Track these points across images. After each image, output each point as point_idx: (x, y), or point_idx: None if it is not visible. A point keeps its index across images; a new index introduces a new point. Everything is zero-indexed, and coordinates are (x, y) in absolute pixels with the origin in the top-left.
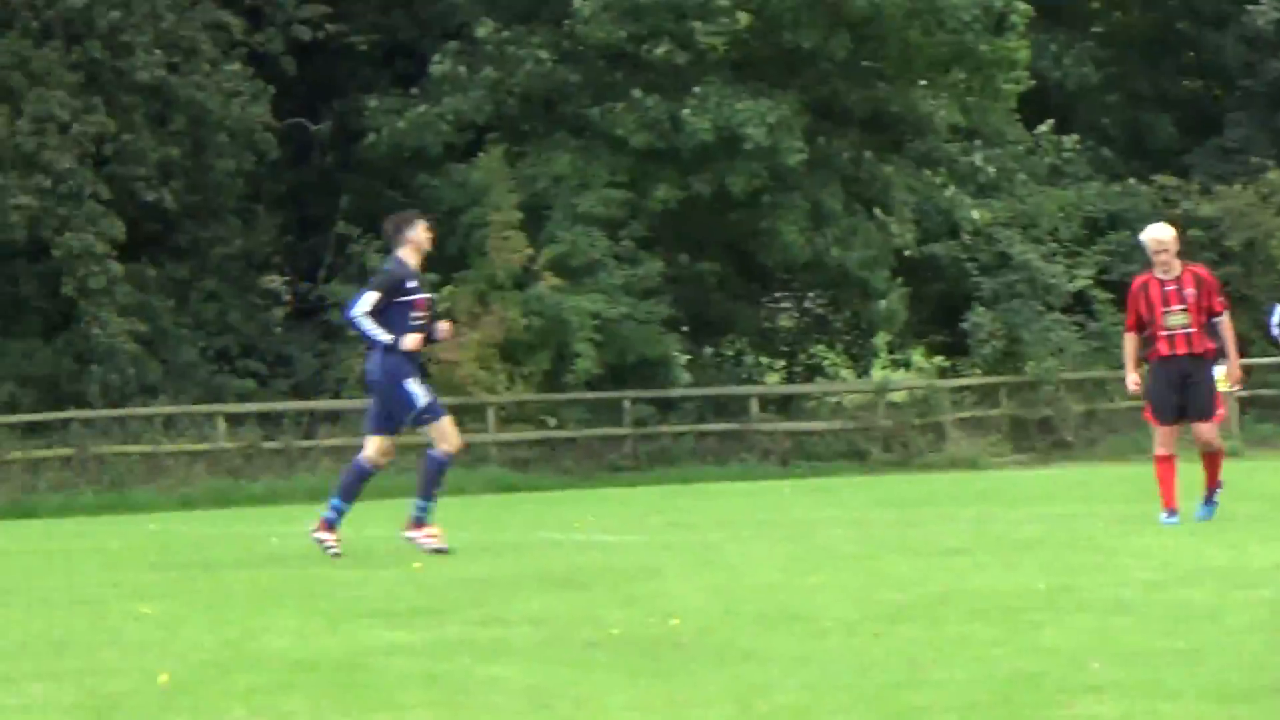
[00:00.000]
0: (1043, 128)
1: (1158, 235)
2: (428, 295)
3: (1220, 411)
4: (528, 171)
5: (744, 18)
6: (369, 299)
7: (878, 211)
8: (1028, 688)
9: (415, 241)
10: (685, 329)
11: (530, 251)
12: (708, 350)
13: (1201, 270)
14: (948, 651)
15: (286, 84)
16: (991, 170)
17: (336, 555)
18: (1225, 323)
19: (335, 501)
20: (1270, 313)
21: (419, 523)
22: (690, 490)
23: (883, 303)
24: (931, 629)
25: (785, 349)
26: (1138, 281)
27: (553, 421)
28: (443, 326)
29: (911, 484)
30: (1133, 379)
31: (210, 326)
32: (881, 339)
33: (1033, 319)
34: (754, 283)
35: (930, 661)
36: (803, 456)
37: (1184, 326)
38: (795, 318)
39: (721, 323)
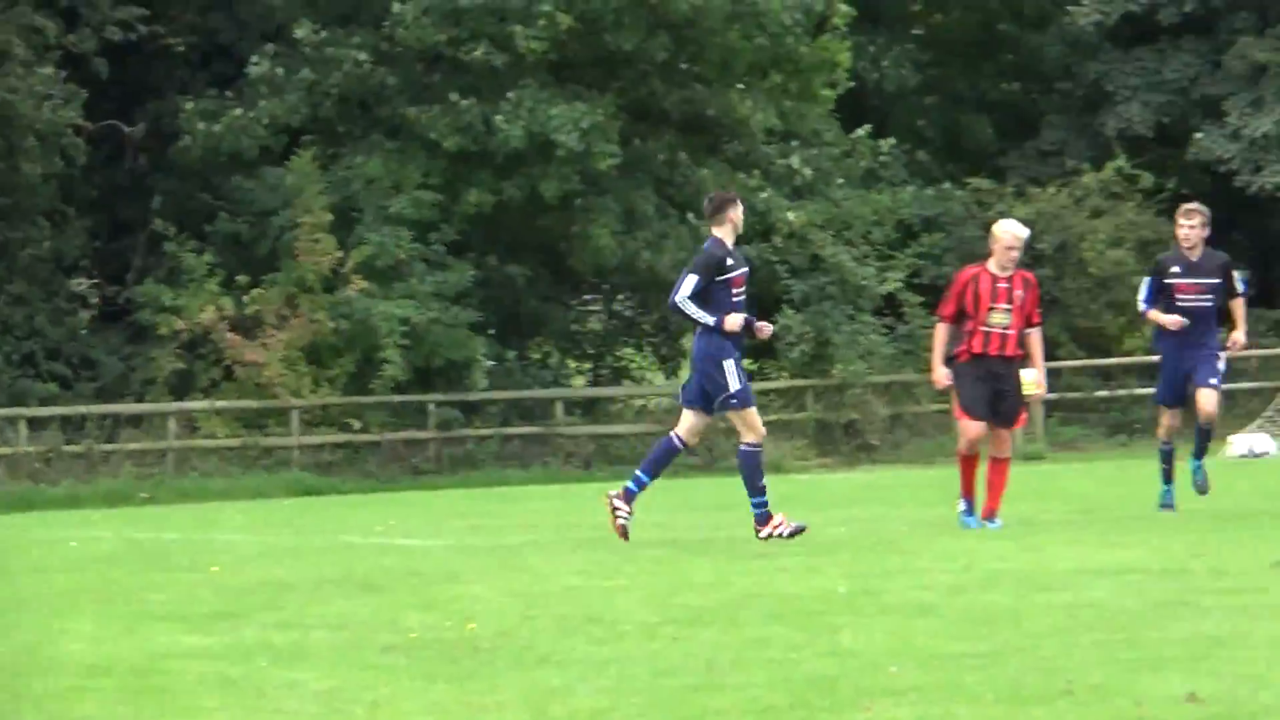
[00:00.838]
0: (860, 131)
1: (1016, 231)
2: (744, 270)
3: (1022, 417)
4: (341, 174)
5: (565, 20)
6: (690, 282)
7: (690, 215)
8: (825, 691)
9: (735, 221)
10: (492, 332)
11: (340, 254)
12: (511, 354)
13: (1031, 276)
14: (746, 655)
15: (101, 86)
16: (808, 173)
17: (624, 526)
18: (1038, 333)
19: (640, 475)
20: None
21: (763, 520)
22: (493, 494)
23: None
24: (730, 632)
25: (592, 352)
26: (969, 273)
27: (357, 424)
28: (764, 326)
29: (715, 487)
30: (943, 372)
31: (17, 330)
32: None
33: (842, 322)
34: (563, 285)
35: (728, 665)
36: (606, 460)
37: (1004, 327)
38: (604, 320)
39: (530, 326)
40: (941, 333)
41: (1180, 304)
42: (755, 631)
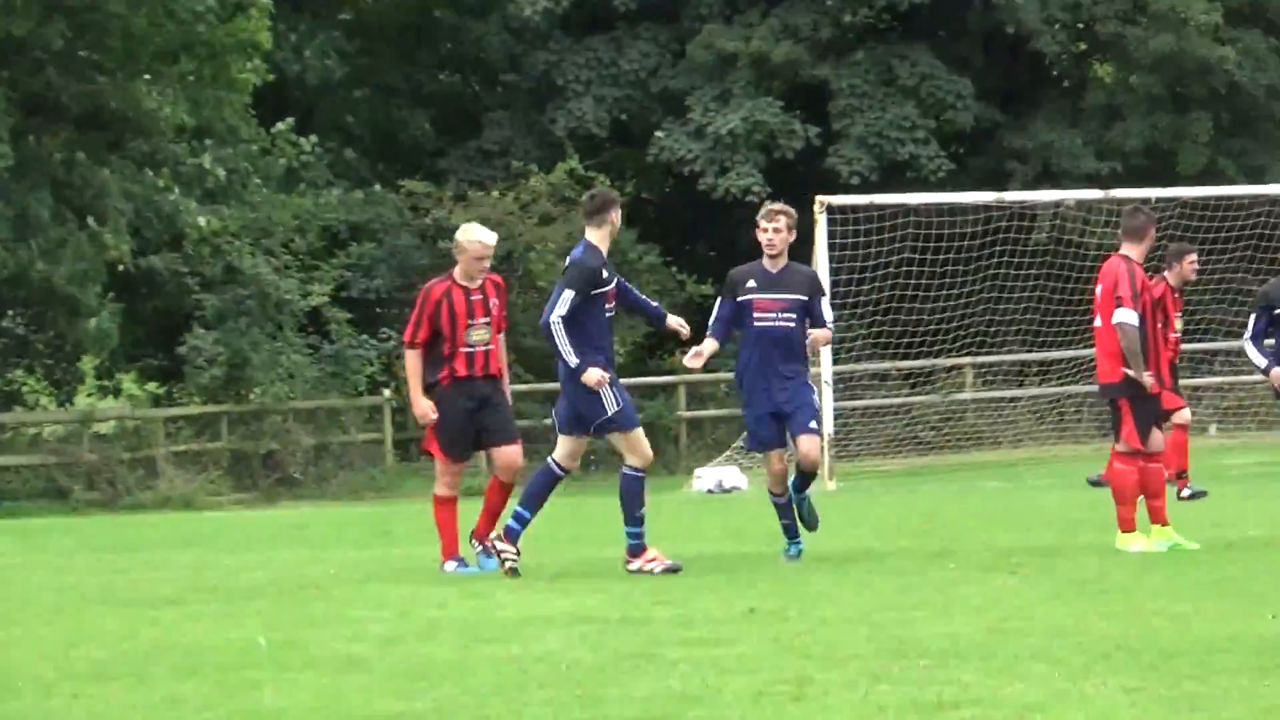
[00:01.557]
0: (281, 126)
1: (484, 239)
2: (615, 281)
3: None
4: None
5: None
6: (566, 299)
7: (91, 220)
8: None
9: (615, 224)
10: None
11: None
12: None
13: (499, 279)
14: (156, 715)
15: None
16: (222, 173)
17: (514, 568)
18: (501, 339)
19: (520, 510)
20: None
21: (635, 551)
22: None
23: (93, 322)
24: (138, 689)
25: None
26: (437, 290)
27: None
28: (677, 323)
29: (119, 526)
30: (427, 405)
31: None
32: (89, 363)
33: (261, 341)
34: None
35: None
36: None
37: (485, 343)
38: None
39: None
40: (414, 361)
41: (758, 324)
42: (166, 688)
